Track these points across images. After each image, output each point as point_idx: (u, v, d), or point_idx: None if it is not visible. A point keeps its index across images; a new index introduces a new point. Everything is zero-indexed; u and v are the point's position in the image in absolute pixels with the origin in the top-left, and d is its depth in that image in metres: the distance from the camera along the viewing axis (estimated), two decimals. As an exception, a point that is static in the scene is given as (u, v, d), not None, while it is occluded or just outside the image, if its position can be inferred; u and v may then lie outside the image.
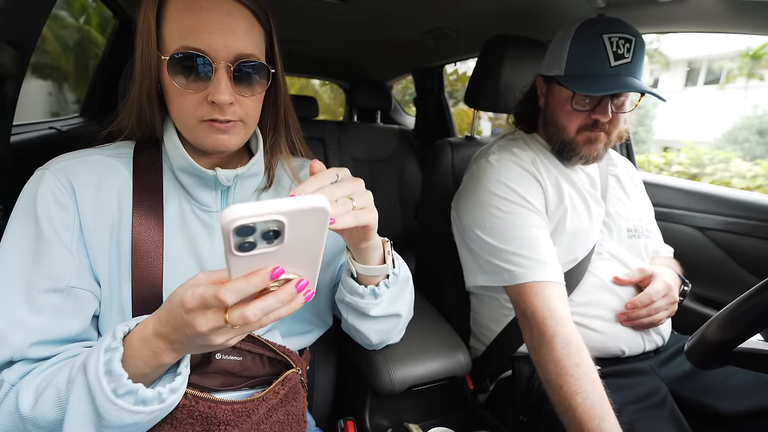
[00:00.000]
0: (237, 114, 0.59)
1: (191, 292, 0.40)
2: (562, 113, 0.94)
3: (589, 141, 0.93)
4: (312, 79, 6.13)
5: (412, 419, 0.94)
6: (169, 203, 0.63)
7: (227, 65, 0.56)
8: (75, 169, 0.59)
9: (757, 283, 0.60)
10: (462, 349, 0.96)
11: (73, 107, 2.64)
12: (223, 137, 0.59)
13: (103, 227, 0.59)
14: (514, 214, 0.91)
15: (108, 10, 1.65)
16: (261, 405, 0.62)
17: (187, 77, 0.56)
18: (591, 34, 0.88)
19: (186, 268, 0.62)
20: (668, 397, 0.84)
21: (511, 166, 0.97)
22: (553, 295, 0.85)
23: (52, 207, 0.56)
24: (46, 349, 0.52)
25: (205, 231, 0.65)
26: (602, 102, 0.88)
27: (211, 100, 0.56)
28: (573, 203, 0.96)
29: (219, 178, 0.62)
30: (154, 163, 0.64)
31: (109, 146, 0.65)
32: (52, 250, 0.54)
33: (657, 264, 1.05)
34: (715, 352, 0.65)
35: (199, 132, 0.59)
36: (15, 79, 0.83)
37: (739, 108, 9.14)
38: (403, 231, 2.09)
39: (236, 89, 0.57)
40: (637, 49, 0.86)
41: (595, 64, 0.86)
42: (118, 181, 0.61)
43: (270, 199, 0.69)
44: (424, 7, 1.43)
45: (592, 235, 0.96)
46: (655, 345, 0.96)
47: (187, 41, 0.54)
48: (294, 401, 0.68)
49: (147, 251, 0.59)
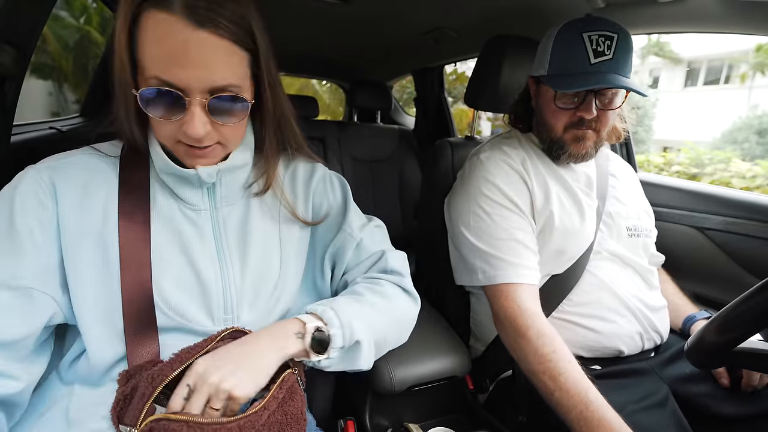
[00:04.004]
0: (214, 138, 0.58)
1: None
2: (549, 112, 0.96)
3: (577, 139, 0.94)
4: (312, 79, 6.14)
5: (412, 419, 0.94)
6: (156, 202, 0.63)
7: (201, 100, 0.54)
8: (60, 169, 0.58)
9: (757, 283, 0.60)
10: (462, 349, 0.96)
11: (73, 107, 2.64)
12: (203, 160, 0.60)
13: (87, 229, 0.58)
14: (497, 215, 0.93)
15: (108, 10, 1.65)
16: (263, 413, 0.62)
17: (161, 109, 0.54)
18: (572, 34, 0.89)
19: (176, 267, 0.61)
20: (669, 398, 0.84)
21: (500, 165, 0.98)
22: (524, 296, 0.87)
23: (30, 203, 0.55)
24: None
25: (193, 229, 0.64)
26: (586, 99, 0.89)
27: (185, 132, 0.55)
28: (561, 202, 0.97)
29: (201, 176, 0.61)
30: (142, 162, 0.64)
31: (99, 146, 0.64)
32: (18, 245, 0.53)
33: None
34: (714, 352, 0.66)
35: (179, 152, 0.59)
36: (15, 79, 0.83)
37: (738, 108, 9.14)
38: (403, 231, 2.09)
39: (213, 119, 0.56)
40: (620, 46, 0.87)
41: (575, 63, 0.88)
42: (105, 182, 0.61)
43: (261, 203, 0.68)
44: (424, 7, 1.43)
45: (586, 235, 0.96)
46: (654, 343, 0.96)
47: (159, 73, 0.52)
48: (291, 401, 0.68)
49: (134, 248, 0.59)
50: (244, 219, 0.68)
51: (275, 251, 0.70)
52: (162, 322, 0.60)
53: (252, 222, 0.68)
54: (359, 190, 0.76)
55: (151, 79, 0.52)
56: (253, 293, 0.66)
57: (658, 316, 0.96)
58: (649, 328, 0.94)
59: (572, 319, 0.93)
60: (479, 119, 1.47)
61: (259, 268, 0.67)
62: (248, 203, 0.70)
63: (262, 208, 0.71)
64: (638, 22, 1.14)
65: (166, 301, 0.60)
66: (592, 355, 0.93)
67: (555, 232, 0.94)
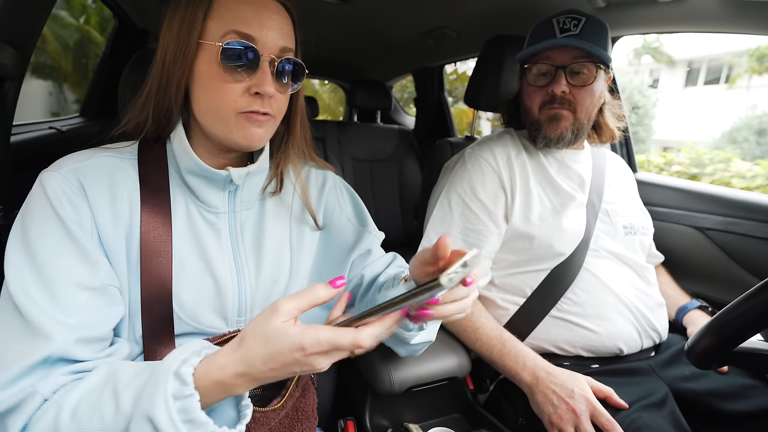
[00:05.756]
0: (273, 108, 0.60)
1: (313, 337, 0.42)
2: (526, 94, 1.01)
3: (551, 119, 0.97)
4: (312, 79, 6.14)
5: (412, 419, 0.94)
6: (175, 204, 0.62)
7: (272, 59, 0.58)
8: (84, 171, 0.58)
9: (757, 284, 0.60)
10: (462, 350, 0.96)
11: (73, 107, 2.64)
12: (258, 131, 0.60)
13: (119, 228, 0.58)
14: (459, 213, 1.00)
15: (108, 10, 1.65)
16: (281, 412, 0.62)
17: (234, 65, 0.56)
18: (544, 21, 0.97)
19: (193, 270, 0.61)
20: (669, 397, 0.84)
21: (479, 166, 1.02)
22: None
23: (69, 208, 0.54)
24: (86, 348, 0.50)
25: (212, 232, 0.64)
26: (555, 75, 0.93)
27: (254, 92, 0.57)
28: (542, 201, 0.99)
29: (233, 177, 0.62)
30: (160, 162, 0.63)
31: (112, 146, 0.63)
32: (82, 248, 0.53)
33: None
34: (715, 351, 0.65)
35: (233, 125, 0.59)
36: (15, 79, 0.83)
37: (738, 108, 9.14)
38: (403, 231, 2.09)
39: (275, 83, 0.59)
40: (588, 25, 0.92)
41: (542, 38, 0.95)
42: (128, 182, 0.60)
43: (275, 205, 0.69)
44: (423, 7, 1.43)
45: (574, 231, 0.97)
46: (653, 342, 0.96)
47: (242, 27, 0.56)
48: (304, 398, 0.68)
49: (156, 250, 0.59)
50: (259, 222, 0.69)
51: (286, 253, 0.70)
52: (177, 327, 0.60)
53: (266, 224, 0.69)
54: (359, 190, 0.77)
55: (231, 34, 0.56)
56: (265, 295, 0.67)
57: (656, 314, 0.97)
58: (647, 326, 0.94)
59: (572, 319, 0.93)
60: (479, 119, 1.47)
61: (272, 271, 0.68)
62: (263, 205, 0.70)
63: (276, 210, 0.71)
64: (638, 21, 1.14)
65: (182, 306, 0.60)
66: (592, 354, 0.94)
67: (535, 230, 0.96)
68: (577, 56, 0.92)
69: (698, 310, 1.06)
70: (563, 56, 0.92)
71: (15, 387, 0.45)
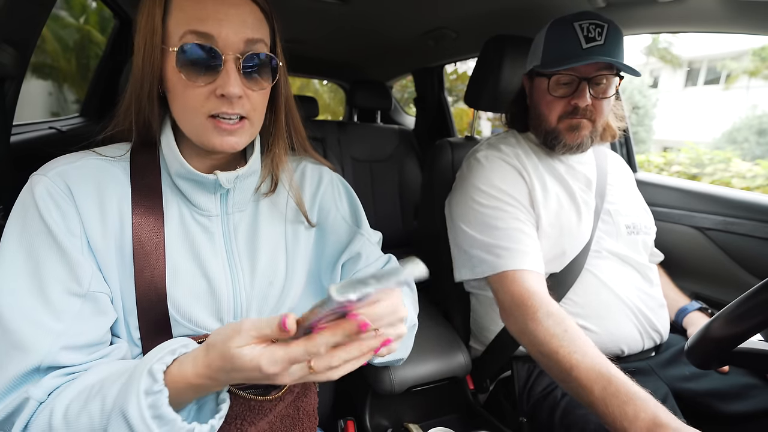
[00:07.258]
0: (245, 108, 0.57)
1: (269, 358, 0.41)
2: (543, 103, 0.97)
3: (571, 128, 0.95)
4: (312, 79, 6.14)
5: (412, 419, 0.94)
6: (168, 207, 0.62)
7: (236, 56, 0.55)
8: (72, 174, 0.57)
9: (758, 283, 0.60)
10: (462, 350, 0.96)
11: (73, 107, 2.64)
12: (231, 139, 0.58)
13: (109, 232, 0.57)
14: (496, 209, 0.95)
15: (108, 10, 1.65)
16: (279, 404, 0.62)
17: (194, 69, 0.54)
18: (563, 24, 0.92)
19: (187, 272, 0.61)
20: (669, 398, 0.84)
21: (497, 163, 1.00)
22: (531, 280, 0.87)
23: (56, 214, 0.54)
24: (74, 355, 0.50)
25: (205, 235, 0.63)
26: (579, 87, 0.91)
27: (220, 93, 0.54)
28: (559, 200, 0.98)
29: (221, 181, 0.61)
30: (152, 165, 0.63)
31: (104, 149, 0.63)
32: (67, 254, 0.53)
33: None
34: (715, 352, 0.66)
35: (205, 131, 0.57)
36: (15, 79, 0.83)
37: (738, 108, 9.13)
38: (403, 231, 2.09)
39: (244, 82, 0.56)
40: (611, 33, 0.89)
41: (568, 47, 0.90)
42: (117, 186, 0.60)
43: (269, 206, 0.69)
44: (423, 7, 1.43)
45: (582, 234, 0.96)
46: (654, 342, 0.96)
47: (198, 26, 0.53)
48: (305, 397, 0.68)
49: (149, 253, 0.58)
50: (253, 223, 0.68)
51: (282, 253, 0.70)
52: (174, 328, 0.60)
53: (260, 225, 0.68)
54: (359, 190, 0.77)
55: (188, 35, 0.53)
56: (261, 297, 0.66)
57: (657, 315, 0.96)
58: (649, 327, 0.94)
59: (573, 319, 0.93)
60: (479, 119, 1.47)
61: (267, 272, 0.67)
62: (257, 207, 0.69)
63: (270, 210, 0.71)
64: (638, 21, 1.14)
65: (178, 308, 0.60)
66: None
67: (552, 230, 0.95)
68: (601, 68, 0.90)
69: (698, 312, 1.06)
70: (588, 68, 0.90)
71: (8, 398, 0.47)
